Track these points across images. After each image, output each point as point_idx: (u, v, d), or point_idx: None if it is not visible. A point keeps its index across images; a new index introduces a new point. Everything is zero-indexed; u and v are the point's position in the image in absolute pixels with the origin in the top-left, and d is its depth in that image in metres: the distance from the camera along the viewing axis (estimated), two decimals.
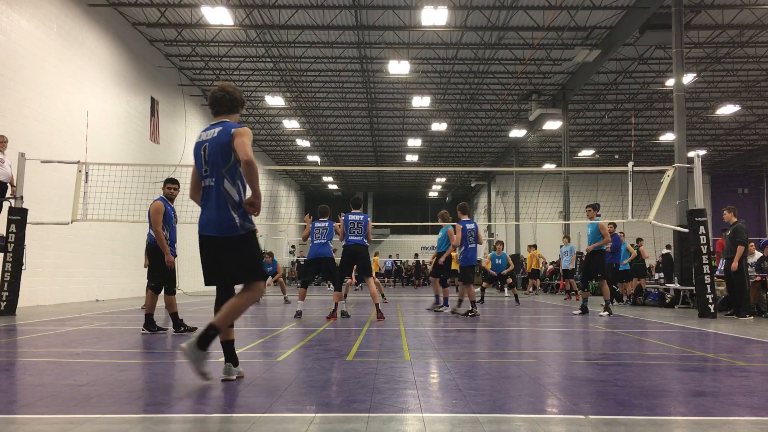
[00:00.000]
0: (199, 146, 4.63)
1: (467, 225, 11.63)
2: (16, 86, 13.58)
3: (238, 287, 4.74)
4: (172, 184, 8.23)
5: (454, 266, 13.19)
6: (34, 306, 13.42)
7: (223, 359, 4.71)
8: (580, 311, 12.38)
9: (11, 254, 11.31)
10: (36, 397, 4.05)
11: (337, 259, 11.05)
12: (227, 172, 4.49)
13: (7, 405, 3.88)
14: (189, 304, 14.96)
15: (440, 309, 12.78)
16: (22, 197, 11.80)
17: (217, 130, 4.59)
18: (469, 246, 11.58)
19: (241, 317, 9.92)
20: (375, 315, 10.45)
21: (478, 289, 17.16)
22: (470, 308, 11.34)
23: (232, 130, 4.52)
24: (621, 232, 16.74)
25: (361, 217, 10.60)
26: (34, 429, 3.32)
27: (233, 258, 4.54)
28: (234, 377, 4.63)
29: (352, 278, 14.89)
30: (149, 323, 8.14)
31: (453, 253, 12.94)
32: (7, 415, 3.61)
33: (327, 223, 10.81)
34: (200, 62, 23.17)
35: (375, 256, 34.08)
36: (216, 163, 4.50)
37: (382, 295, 15.53)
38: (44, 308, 13.02)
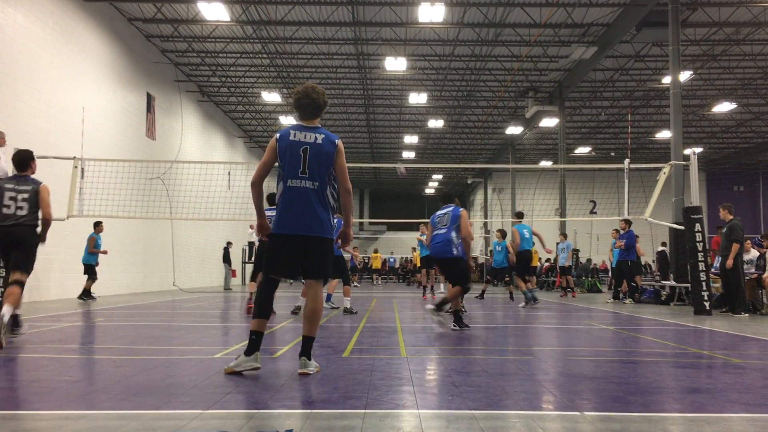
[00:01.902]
0: (297, 145, 4.72)
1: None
2: (11, 81, 13.53)
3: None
4: None
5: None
6: (29, 302, 13.39)
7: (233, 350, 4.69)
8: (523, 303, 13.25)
9: None
10: (32, 393, 4.04)
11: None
12: (329, 179, 4.77)
13: (3, 401, 3.87)
14: (184, 300, 14.96)
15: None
16: None
17: (319, 136, 4.77)
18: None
19: (239, 313, 9.91)
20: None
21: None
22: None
23: (337, 142, 4.81)
24: (615, 230, 16.77)
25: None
26: (30, 425, 3.31)
27: (320, 257, 4.78)
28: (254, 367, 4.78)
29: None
30: (459, 319, 8.41)
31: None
32: (3, 411, 3.60)
33: (335, 221, 10.85)
34: (197, 58, 23.11)
35: (375, 252, 34.04)
36: (320, 168, 4.71)
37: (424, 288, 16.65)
38: (40, 304, 12.99)
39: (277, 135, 4.84)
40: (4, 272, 8.05)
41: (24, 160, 7.17)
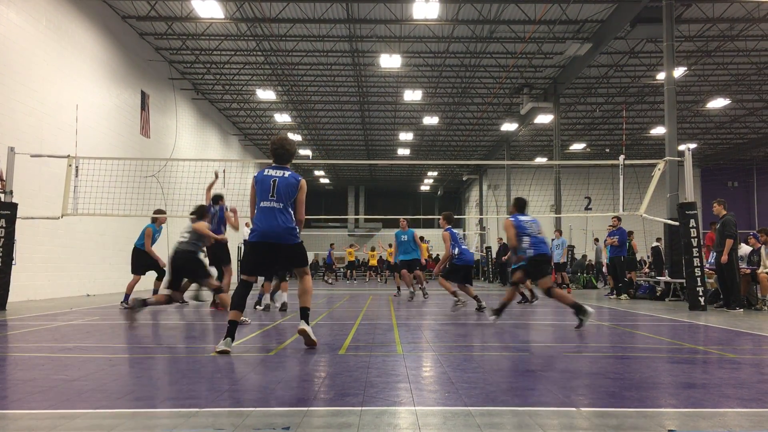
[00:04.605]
0: (268, 178, 6.06)
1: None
2: (4, 79, 13.46)
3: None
4: None
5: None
6: (24, 301, 13.36)
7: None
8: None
9: (1, 249, 11.24)
10: (27, 392, 4.03)
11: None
12: (291, 204, 6.07)
13: None
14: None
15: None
16: (11, 192, 11.71)
17: (286, 172, 6.12)
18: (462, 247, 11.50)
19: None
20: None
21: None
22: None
23: (300, 179, 6.15)
24: (611, 226, 16.74)
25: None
26: (25, 424, 3.31)
27: (293, 257, 6.12)
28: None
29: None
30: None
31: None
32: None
33: None
34: (191, 56, 23.04)
35: (372, 250, 34.03)
36: (286, 195, 6.02)
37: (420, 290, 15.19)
38: (35, 303, 12.96)
39: (255, 174, 6.19)
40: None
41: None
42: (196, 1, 17.25)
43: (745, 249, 13.07)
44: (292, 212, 6.08)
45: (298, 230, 6.13)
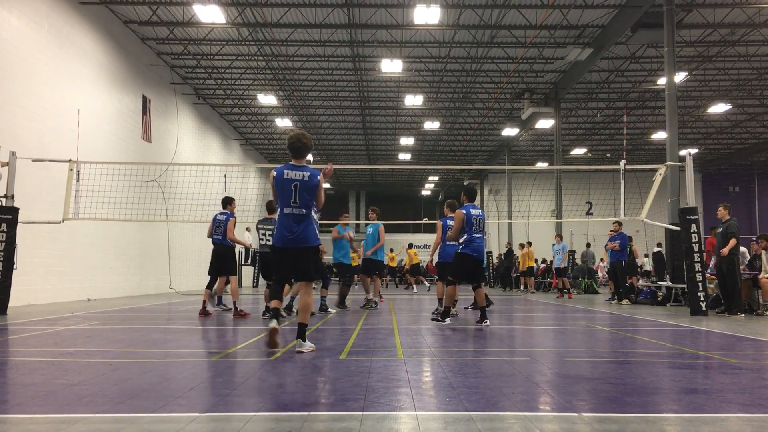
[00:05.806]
0: (289, 182, 6.16)
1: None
2: (6, 84, 13.49)
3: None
4: None
5: None
6: (25, 305, 13.35)
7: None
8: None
9: (2, 253, 11.24)
10: (28, 397, 4.03)
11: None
12: (312, 203, 6.22)
13: None
14: (181, 303, 14.92)
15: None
16: (12, 196, 11.73)
17: (306, 174, 6.21)
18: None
19: (238, 315, 9.93)
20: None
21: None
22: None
23: (318, 178, 6.24)
24: (611, 231, 16.71)
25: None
26: (26, 429, 3.30)
27: (308, 261, 6.20)
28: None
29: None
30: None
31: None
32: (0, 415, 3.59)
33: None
34: (192, 61, 23.08)
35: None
36: (308, 199, 6.18)
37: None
38: (36, 307, 12.95)
39: (274, 172, 6.26)
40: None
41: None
42: (197, 6, 17.30)
43: (745, 252, 13.06)
44: (313, 213, 6.26)
45: (317, 232, 6.32)
